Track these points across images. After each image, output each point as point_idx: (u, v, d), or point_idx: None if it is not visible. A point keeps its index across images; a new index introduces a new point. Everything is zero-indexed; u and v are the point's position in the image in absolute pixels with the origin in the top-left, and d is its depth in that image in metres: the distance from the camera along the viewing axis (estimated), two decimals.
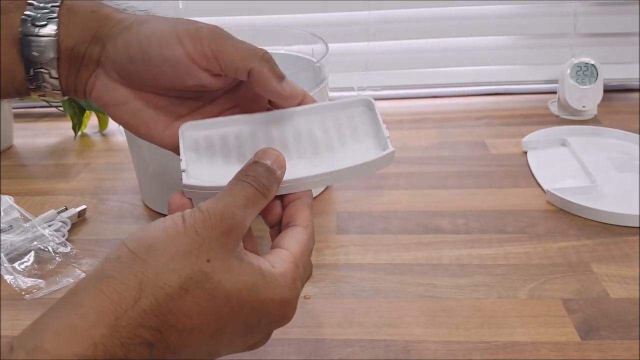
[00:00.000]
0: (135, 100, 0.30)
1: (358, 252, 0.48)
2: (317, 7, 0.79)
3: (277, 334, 0.39)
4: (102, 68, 0.30)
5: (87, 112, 0.75)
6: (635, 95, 0.79)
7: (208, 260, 0.23)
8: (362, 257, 0.47)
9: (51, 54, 0.29)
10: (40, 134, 0.78)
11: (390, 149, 0.30)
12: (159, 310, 0.21)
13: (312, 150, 0.31)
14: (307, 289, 0.43)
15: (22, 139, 0.76)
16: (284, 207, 0.30)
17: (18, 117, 0.81)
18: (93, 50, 0.30)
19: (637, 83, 0.80)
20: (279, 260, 0.26)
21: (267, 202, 0.27)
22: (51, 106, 0.81)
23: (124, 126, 0.32)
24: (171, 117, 0.32)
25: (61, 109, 0.77)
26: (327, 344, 0.38)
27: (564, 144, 0.64)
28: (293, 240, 0.27)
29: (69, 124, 0.73)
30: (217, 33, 0.29)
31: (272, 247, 0.28)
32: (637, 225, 0.49)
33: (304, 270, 0.27)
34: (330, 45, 0.56)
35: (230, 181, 0.26)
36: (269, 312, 0.25)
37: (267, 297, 0.24)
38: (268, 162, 0.27)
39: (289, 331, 0.39)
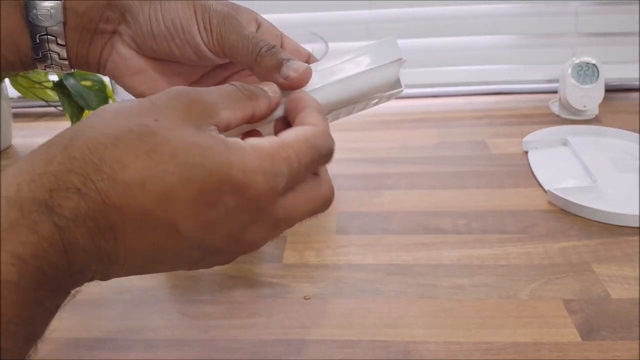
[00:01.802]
0: (151, 70, 0.30)
1: (358, 252, 0.48)
2: (317, 6, 0.79)
3: (276, 334, 0.39)
4: (120, 37, 0.29)
5: (86, 111, 0.75)
6: (637, 94, 0.78)
7: (155, 120, 0.20)
8: (362, 257, 0.47)
9: (59, 18, 0.28)
10: (39, 134, 0.78)
11: (398, 56, 0.28)
12: (89, 157, 0.20)
13: (321, 73, 0.28)
14: (307, 290, 0.43)
15: (21, 139, 0.76)
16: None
17: (17, 116, 0.81)
18: (109, 17, 0.29)
19: (638, 83, 0.79)
20: (257, 138, 0.22)
21: (253, 106, 0.24)
22: (50, 106, 0.81)
23: (138, 96, 0.31)
24: (185, 83, 0.32)
25: (60, 108, 0.77)
26: (327, 344, 0.38)
27: (565, 143, 0.64)
28: (291, 131, 0.23)
29: (68, 123, 0.73)
30: (225, 22, 0.29)
31: None
32: (638, 226, 0.49)
33: (298, 159, 0.22)
34: (330, 44, 0.56)
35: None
36: (235, 186, 0.20)
37: (226, 162, 0.20)
38: (261, 84, 0.26)
39: (288, 332, 0.39)
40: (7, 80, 0.75)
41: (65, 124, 0.76)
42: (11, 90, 0.78)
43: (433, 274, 0.44)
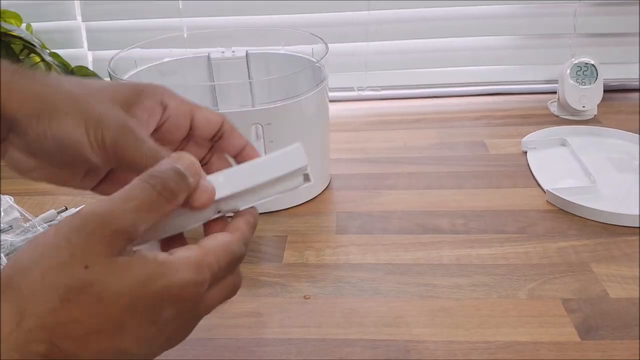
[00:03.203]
0: (49, 166, 0.28)
1: (358, 252, 0.48)
2: (316, 7, 0.80)
3: (276, 334, 0.39)
4: (11, 143, 0.27)
5: None
6: (635, 95, 0.79)
7: (86, 267, 0.21)
8: (361, 257, 0.47)
9: None
10: None
11: (297, 144, 0.28)
12: (46, 325, 0.21)
13: (236, 170, 0.29)
14: (307, 289, 0.44)
15: None
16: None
17: None
18: None
19: (637, 83, 0.80)
20: (183, 250, 0.24)
21: (171, 208, 0.24)
22: None
23: (39, 180, 0.30)
24: (83, 172, 0.30)
25: None
26: (327, 343, 0.38)
27: (563, 144, 0.64)
28: (211, 238, 0.25)
29: None
30: (119, 140, 0.27)
31: None
32: (637, 225, 0.49)
33: (218, 264, 0.24)
34: (330, 45, 0.56)
35: (131, 182, 0.24)
36: (172, 300, 0.23)
37: (164, 285, 0.22)
38: (179, 166, 0.25)
39: (288, 331, 0.39)
40: None
41: None
42: None
43: (432, 274, 0.44)
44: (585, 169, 0.58)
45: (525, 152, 0.63)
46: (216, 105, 0.59)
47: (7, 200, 0.53)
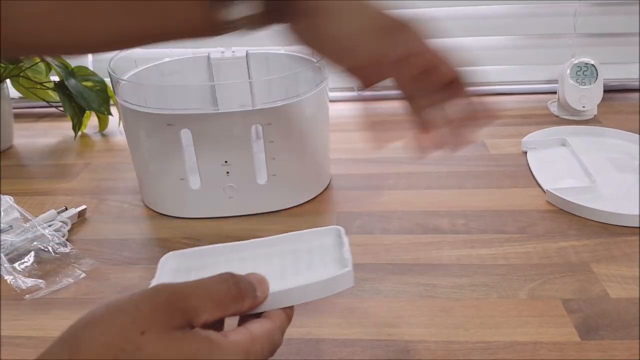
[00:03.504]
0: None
1: (358, 252, 0.48)
2: None
3: None
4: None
5: (87, 112, 0.75)
6: (635, 95, 0.79)
7: (142, 333, 0.23)
8: (361, 257, 0.47)
9: None
10: (40, 134, 0.78)
11: (348, 268, 0.31)
12: None
13: (280, 275, 0.32)
14: None
15: (22, 139, 0.76)
16: None
17: (18, 117, 0.81)
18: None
19: (637, 83, 0.80)
20: (233, 333, 0.26)
21: (236, 311, 0.26)
22: (51, 106, 0.81)
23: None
24: None
25: (61, 109, 0.77)
26: (327, 343, 0.38)
27: (563, 144, 0.64)
28: (257, 324, 0.27)
29: (69, 124, 0.73)
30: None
31: None
32: (637, 225, 0.49)
33: (262, 352, 0.26)
34: None
35: (217, 275, 0.27)
36: None
37: None
38: (254, 280, 0.28)
39: (289, 331, 0.39)
40: (8, 81, 0.75)
41: (66, 124, 0.77)
42: (12, 91, 0.78)
43: (432, 274, 0.44)
44: (585, 169, 0.58)
45: (526, 152, 0.63)
46: (216, 105, 0.59)
47: (7, 200, 0.53)
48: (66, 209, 0.55)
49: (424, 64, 0.33)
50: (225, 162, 0.51)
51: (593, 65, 0.72)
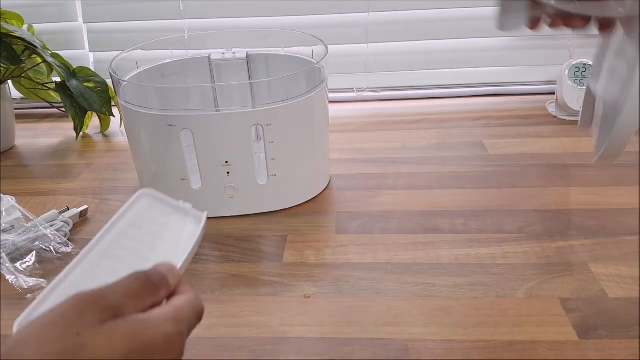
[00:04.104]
0: None
1: (357, 251, 0.48)
2: (316, 9, 0.80)
3: (277, 333, 0.39)
4: None
5: (89, 113, 0.76)
6: None
7: (78, 334, 0.24)
8: (361, 256, 0.47)
9: None
10: (41, 135, 0.78)
11: (204, 213, 0.32)
12: None
13: (141, 260, 0.32)
14: (307, 289, 0.44)
15: (24, 140, 0.77)
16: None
17: (20, 117, 0.81)
18: None
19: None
20: (157, 309, 0.27)
21: (155, 302, 0.28)
22: (53, 107, 0.82)
23: None
24: None
25: (63, 109, 0.78)
26: (327, 342, 0.38)
27: None
28: (174, 299, 0.29)
29: (71, 124, 0.74)
30: None
31: None
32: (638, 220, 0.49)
33: (188, 314, 0.28)
34: (329, 46, 0.56)
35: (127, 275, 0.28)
36: (156, 350, 0.26)
37: (149, 338, 0.25)
38: (164, 270, 0.29)
39: (288, 330, 0.40)
40: (10, 82, 0.76)
41: (67, 125, 0.77)
42: (14, 92, 0.78)
43: (431, 273, 0.45)
44: None
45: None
46: (217, 106, 0.60)
47: (9, 200, 0.53)
48: (68, 209, 0.55)
49: None
50: (226, 162, 0.52)
51: (591, 65, 0.72)
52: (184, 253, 0.31)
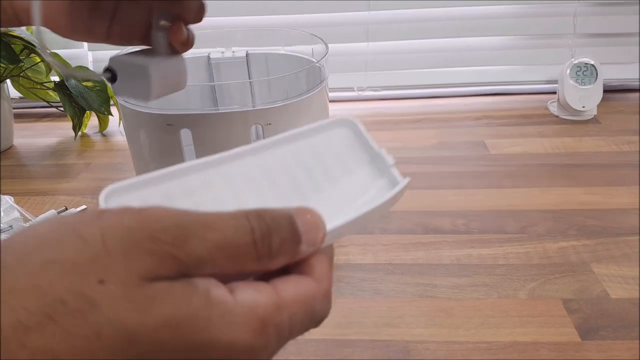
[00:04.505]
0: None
1: (358, 252, 0.48)
2: (316, 8, 0.80)
3: None
4: None
5: (88, 112, 0.75)
6: (635, 95, 0.79)
7: (101, 282, 0.14)
8: (361, 257, 0.47)
9: None
10: (40, 134, 0.78)
11: (405, 179, 0.24)
12: (6, 347, 0.13)
13: (297, 197, 0.23)
14: None
15: (23, 139, 0.76)
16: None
17: (18, 117, 0.81)
18: None
19: (637, 83, 0.80)
20: (249, 291, 0.16)
21: (257, 269, 0.17)
22: (51, 106, 0.81)
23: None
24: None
25: (61, 109, 0.77)
26: (327, 344, 0.38)
27: None
28: (290, 283, 0.18)
29: (69, 124, 0.73)
30: None
31: None
32: (638, 226, 0.49)
33: (290, 324, 0.17)
34: (330, 45, 0.56)
35: (232, 211, 0.17)
36: (210, 355, 0.15)
37: (207, 340, 0.15)
38: (299, 224, 0.18)
39: None
40: (8, 81, 0.75)
41: (66, 124, 0.77)
42: (12, 91, 0.78)
43: (432, 274, 0.44)
44: None
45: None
46: (216, 105, 0.59)
47: (7, 200, 0.53)
48: (66, 209, 0.54)
49: None
50: None
51: (593, 65, 0.72)
52: (353, 214, 0.21)
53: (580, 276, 0.43)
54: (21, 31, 0.68)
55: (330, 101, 0.57)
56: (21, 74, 0.75)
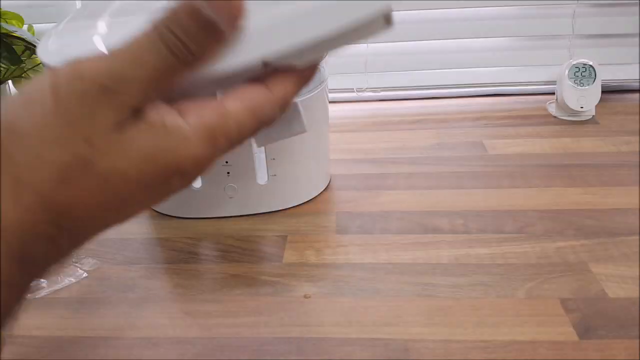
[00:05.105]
0: None
1: (357, 251, 0.48)
2: None
3: (277, 333, 0.39)
4: None
5: None
6: (634, 96, 0.79)
7: (86, 141, 0.18)
8: (361, 256, 0.47)
9: None
10: None
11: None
12: (47, 206, 0.18)
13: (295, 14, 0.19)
14: (307, 288, 0.44)
15: None
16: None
17: None
18: None
19: (636, 84, 0.80)
20: (197, 110, 0.19)
21: (192, 70, 0.19)
22: None
23: None
24: None
25: None
26: (327, 342, 0.38)
27: None
28: (239, 95, 0.20)
29: None
30: None
31: None
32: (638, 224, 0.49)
33: (239, 131, 0.20)
34: None
35: (142, 30, 0.18)
36: (182, 172, 0.20)
37: (173, 160, 0.19)
38: (204, 6, 0.18)
39: (288, 330, 0.40)
40: (10, 82, 0.75)
41: None
42: (14, 92, 0.78)
43: (431, 273, 0.45)
44: None
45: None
46: None
47: None
48: None
49: None
50: (226, 162, 0.52)
51: (591, 66, 0.72)
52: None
53: (578, 276, 0.44)
54: (22, 32, 0.68)
55: (330, 102, 0.58)
56: (23, 75, 0.75)
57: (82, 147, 0.18)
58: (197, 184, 0.53)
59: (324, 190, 0.58)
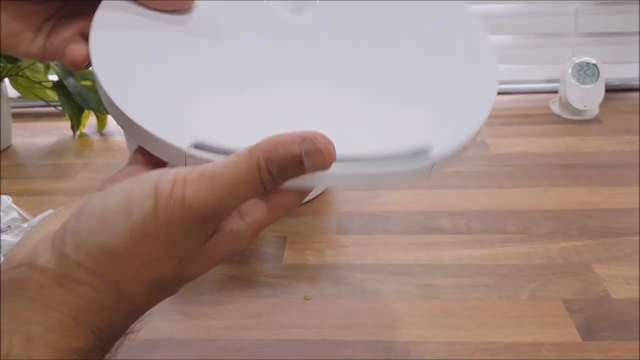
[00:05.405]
0: None
1: (358, 252, 0.48)
2: None
3: (276, 335, 0.39)
4: None
5: (86, 111, 0.75)
6: (637, 94, 0.79)
7: (180, 262, 0.21)
8: (362, 257, 0.47)
9: None
10: (39, 134, 0.78)
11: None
12: (127, 309, 0.21)
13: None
14: (308, 290, 0.43)
15: (21, 139, 0.76)
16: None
17: (17, 116, 0.81)
18: None
19: (639, 82, 0.79)
20: (250, 209, 0.22)
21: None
22: (50, 106, 0.81)
23: None
24: (36, 23, 0.27)
25: (60, 108, 0.77)
26: (328, 344, 0.38)
27: None
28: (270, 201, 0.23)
29: (68, 123, 0.73)
30: None
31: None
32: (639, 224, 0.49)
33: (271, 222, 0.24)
34: None
35: (243, 157, 0.19)
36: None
37: (232, 254, 0.23)
38: (307, 160, 0.19)
39: (288, 332, 0.39)
40: (6, 80, 0.75)
41: (64, 124, 0.76)
42: (11, 90, 0.78)
43: (433, 274, 0.44)
44: None
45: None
46: None
47: (6, 200, 0.53)
48: None
49: None
50: None
51: (594, 64, 0.71)
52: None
53: (581, 276, 0.43)
54: None
55: None
56: (19, 73, 0.74)
57: (175, 267, 0.21)
58: None
59: (324, 190, 0.58)
